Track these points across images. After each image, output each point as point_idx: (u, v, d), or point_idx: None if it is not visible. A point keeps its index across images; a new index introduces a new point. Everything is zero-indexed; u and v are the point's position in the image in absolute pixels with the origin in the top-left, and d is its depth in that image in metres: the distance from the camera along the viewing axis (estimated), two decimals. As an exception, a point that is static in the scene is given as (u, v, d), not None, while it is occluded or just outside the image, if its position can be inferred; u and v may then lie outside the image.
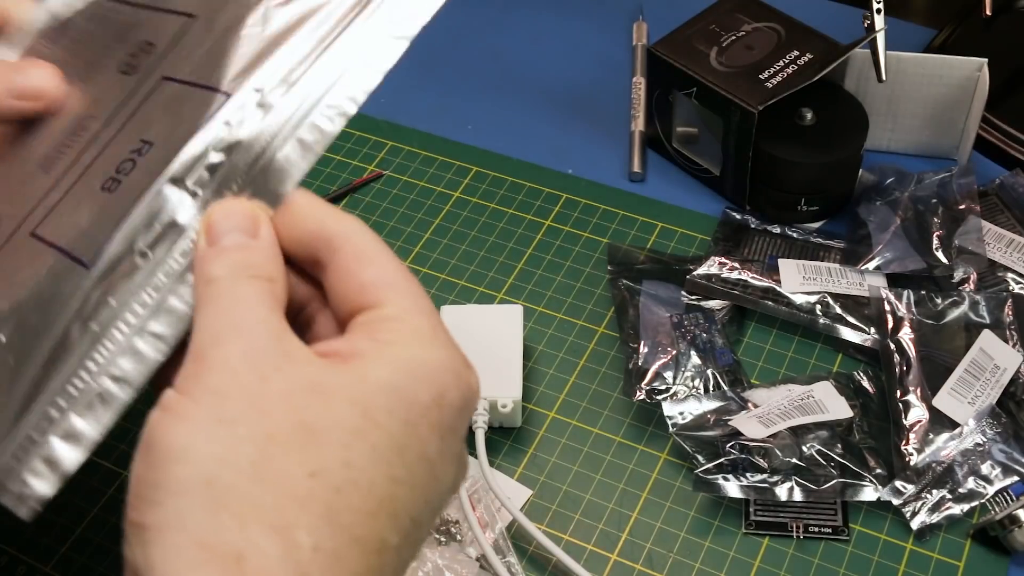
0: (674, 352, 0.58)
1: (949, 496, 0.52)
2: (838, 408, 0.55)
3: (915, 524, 0.51)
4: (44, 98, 0.38)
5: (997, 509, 0.51)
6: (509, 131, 0.75)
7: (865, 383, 0.57)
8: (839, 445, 0.53)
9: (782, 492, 0.52)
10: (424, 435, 0.31)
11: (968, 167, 0.65)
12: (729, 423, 0.54)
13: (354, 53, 0.34)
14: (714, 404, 0.56)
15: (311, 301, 0.35)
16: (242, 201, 0.33)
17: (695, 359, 0.58)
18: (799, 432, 0.54)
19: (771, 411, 0.54)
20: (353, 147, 0.74)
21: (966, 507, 0.52)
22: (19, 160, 0.38)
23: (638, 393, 0.56)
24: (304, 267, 0.34)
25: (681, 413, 0.55)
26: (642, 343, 0.58)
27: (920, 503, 0.52)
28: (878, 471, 0.53)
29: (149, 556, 0.28)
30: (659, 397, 0.56)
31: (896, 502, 0.52)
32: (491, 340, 0.59)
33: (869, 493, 0.52)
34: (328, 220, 0.33)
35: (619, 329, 0.61)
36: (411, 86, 0.79)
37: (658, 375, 0.57)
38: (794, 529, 0.52)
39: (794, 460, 0.52)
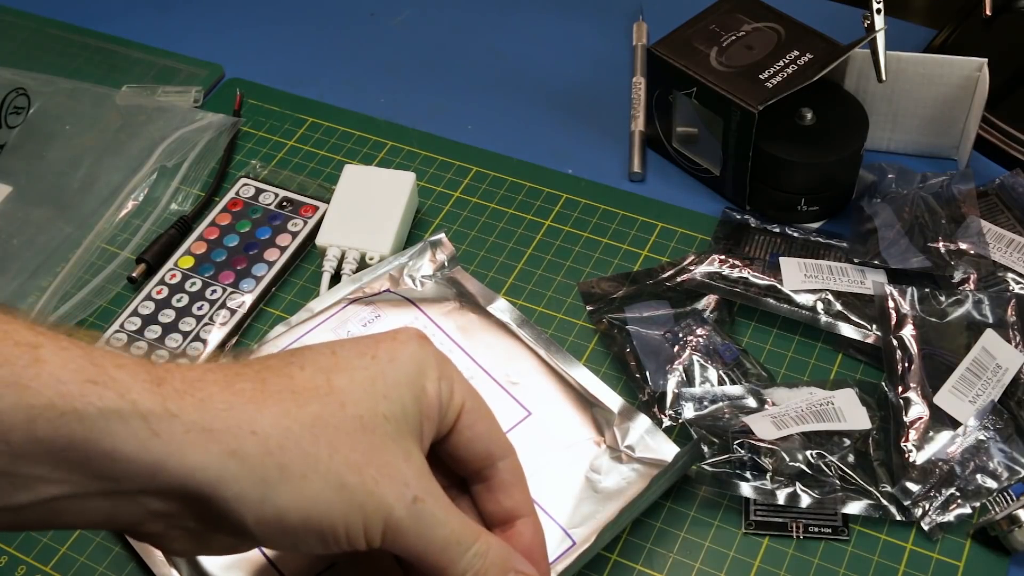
0: (681, 366, 0.57)
1: (958, 494, 0.51)
2: (857, 418, 0.54)
3: (926, 524, 0.51)
4: None
5: (997, 509, 0.51)
6: (509, 131, 0.75)
7: (892, 396, 0.55)
8: (850, 456, 0.52)
9: (782, 497, 0.51)
10: None
11: (968, 167, 0.65)
12: (742, 420, 0.53)
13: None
14: (736, 391, 0.55)
15: None
16: None
17: (702, 363, 0.57)
18: (811, 438, 0.53)
19: (786, 413, 0.54)
20: (353, 147, 0.74)
21: (975, 505, 0.51)
22: None
23: (665, 420, 0.55)
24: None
25: (700, 401, 0.55)
26: (647, 371, 0.57)
27: (927, 503, 0.51)
28: (885, 488, 0.52)
29: None
30: (684, 415, 0.55)
31: (906, 503, 0.51)
32: (378, 200, 0.66)
33: (871, 510, 0.51)
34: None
35: (620, 366, 0.59)
36: (411, 86, 0.79)
37: (676, 396, 0.56)
38: (794, 529, 0.52)
39: (800, 466, 0.52)
